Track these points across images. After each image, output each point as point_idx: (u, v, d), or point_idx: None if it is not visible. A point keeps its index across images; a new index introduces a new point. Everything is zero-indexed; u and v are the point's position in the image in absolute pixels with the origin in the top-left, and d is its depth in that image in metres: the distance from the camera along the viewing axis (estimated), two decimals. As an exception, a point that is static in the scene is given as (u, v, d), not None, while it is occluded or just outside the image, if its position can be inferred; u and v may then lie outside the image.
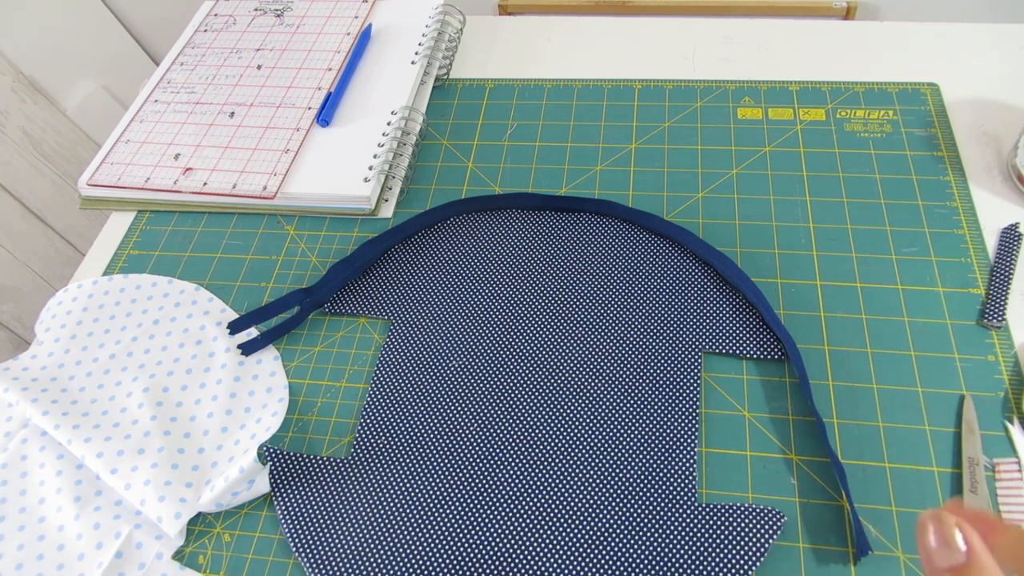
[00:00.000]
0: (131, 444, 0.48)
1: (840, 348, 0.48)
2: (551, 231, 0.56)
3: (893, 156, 0.57)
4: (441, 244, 0.57)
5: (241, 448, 0.48)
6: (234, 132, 0.65)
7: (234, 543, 0.46)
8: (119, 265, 0.60)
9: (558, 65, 0.69)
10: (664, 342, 0.50)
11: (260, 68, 0.70)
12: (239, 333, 0.54)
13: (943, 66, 0.63)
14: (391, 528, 0.45)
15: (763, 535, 0.42)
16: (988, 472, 0.43)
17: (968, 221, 0.53)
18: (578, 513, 0.44)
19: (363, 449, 0.48)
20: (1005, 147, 0.57)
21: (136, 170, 0.63)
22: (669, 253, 0.54)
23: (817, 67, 0.65)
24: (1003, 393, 0.46)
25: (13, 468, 0.49)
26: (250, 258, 0.59)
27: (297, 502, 0.46)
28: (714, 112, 0.62)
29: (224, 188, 0.61)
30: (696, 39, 0.69)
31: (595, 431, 0.47)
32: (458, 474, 0.46)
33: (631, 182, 0.59)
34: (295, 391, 0.51)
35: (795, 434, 0.46)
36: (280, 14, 0.75)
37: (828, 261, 0.52)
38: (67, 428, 0.49)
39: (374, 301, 0.54)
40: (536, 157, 0.62)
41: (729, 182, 0.58)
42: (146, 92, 0.70)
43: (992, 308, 0.48)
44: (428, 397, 0.49)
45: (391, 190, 0.61)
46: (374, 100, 0.65)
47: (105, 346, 0.54)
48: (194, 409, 0.50)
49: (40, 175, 1.11)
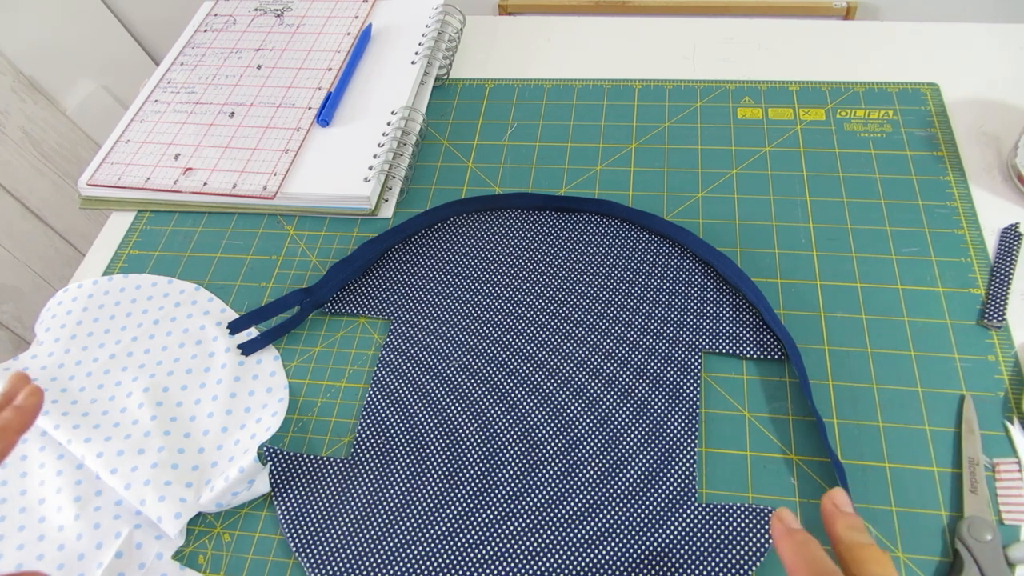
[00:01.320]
0: (131, 444, 0.48)
1: (840, 348, 0.48)
2: (551, 231, 0.56)
3: (893, 156, 0.57)
4: (441, 244, 0.57)
5: (241, 448, 0.48)
6: (234, 132, 0.65)
7: (234, 543, 0.46)
8: (119, 265, 0.60)
9: (558, 65, 0.69)
10: (664, 342, 0.50)
11: (260, 68, 0.70)
12: (239, 333, 0.54)
13: (943, 66, 0.63)
14: (391, 528, 0.45)
15: (763, 535, 0.42)
16: (988, 472, 0.43)
17: (968, 221, 0.53)
18: (578, 513, 0.44)
19: (363, 449, 0.48)
20: (1005, 147, 0.57)
21: (136, 170, 0.63)
22: (669, 253, 0.54)
23: (817, 67, 0.65)
24: (1003, 393, 0.46)
25: (13, 468, 0.49)
26: (250, 258, 0.59)
27: (297, 502, 0.46)
28: (714, 112, 0.62)
29: (224, 188, 0.61)
30: (696, 39, 0.69)
31: (595, 431, 0.47)
32: (458, 474, 0.46)
33: (631, 182, 0.59)
34: (295, 391, 0.51)
35: (795, 434, 0.46)
36: (280, 14, 0.75)
37: (828, 261, 0.52)
38: (67, 428, 0.49)
39: (374, 301, 0.54)
40: (536, 157, 0.62)
41: (729, 182, 0.58)
42: (146, 92, 0.70)
43: (992, 308, 0.48)
44: (428, 397, 0.49)
45: (391, 190, 0.61)
46: (374, 100, 0.65)
47: (105, 346, 0.54)
48: (194, 409, 0.50)
49: (40, 175, 1.11)
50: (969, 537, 0.40)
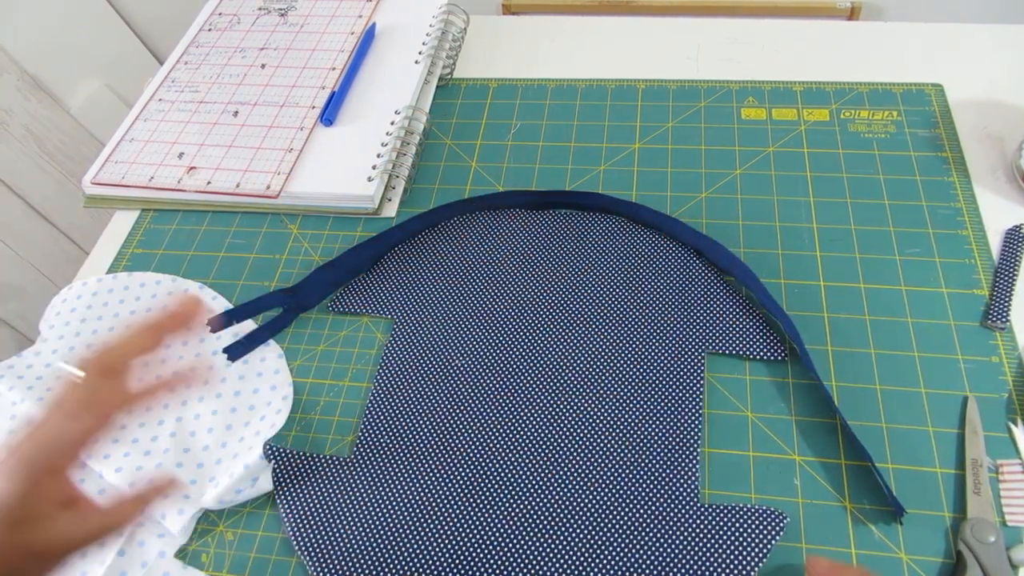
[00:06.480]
0: (135, 443, 0.48)
1: (844, 349, 0.48)
2: (554, 230, 0.56)
3: (897, 157, 0.57)
4: (444, 243, 0.57)
5: (246, 445, 0.48)
6: (238, 131, 0.65)
7: (237, 541, 0.46)
8: (123, 263, 0.60)
9: (562, 65, 0.69)
10: (667, 343, 0.50)
11: (264, 67, 0.70)
12: (220, 331, 0.53)
13: (947, 67, 0.63)
14: (394, 527, 0.45)
15: (766, 536, 0.42)
16: (991, 474, 0.43)
17: (972, 222, 0.53)
18: (581, 513, 0.44)
19: (366, 448, 0.48)
20: (1009, 148, 0.57)
21: (140, 169, 0.63)
22: (673, 252, 0.54)
23: (821, 68, 0.64)
24: (1007, 394, 0.45)
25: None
26: (253, 257, 0.59)
27: (300, 501, 0.46)
28: (718, 112, 0.62)
29: (228, 187, 0.61)
30: (700, 39, 0.69)
31: (598, 431, 0.47)
32: (460, 473, 0.46)
33: (634, 182, 0.59)
34: (298, 390, 0.51)
35: (798, 435, 0.46)
36: (284, 13, 0.75)
37: (832, 262, 0.52)
38: (71, 426, 0.49)
39: (377, 300, 0.54)
40: (540, 157, 0.62)
41: (733, 182, 0.58)
42: (150, 91, 0.70)
43: (996, 309, 0.48)
44: (431, 396, 0.49)
45: (394, 189, 0.61)
46: (378, 99, 0.65)
47: (109, 344, 0.54)
48: (198, 407, 0.50)
49: (44, 173, 1.11)
50: (972, 539, 0.40)
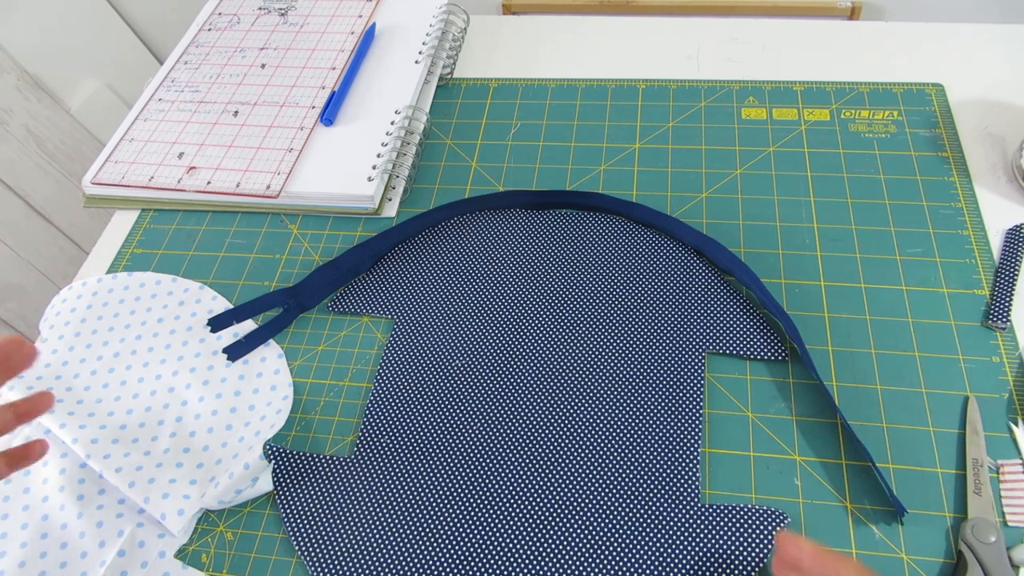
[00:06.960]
0: (136, 443, 0.48)
1: (844, 349, 0.48)
2: (554, 230, 0.56)
3: (897, 157, 0.57)
4: (444, 243, 0.57)
5: (245, 445, 0.48)
6: (238, 131, 0.65)
7: (237, 542, 0.46)
8: (123, 263, 0.60)
9: (562, 65, 0.69)
10: (668, 342, 0.50)
11: (264, 67, 0.70)
12: (221, 331, 0.54)
13: (948, 66, 0.63)
14: (394, 527, 0.45)
15: (766, 536, 0.42)
16: (992, 474, 0.43)
17: (973, 222, 0.53)
18: (581, 513, 0.44)
19: (366, 448, 0.48)
20: (1010, 148, 0.57)
21: (140, 168, 0.63)
22: (673, 252, 0.54)
23: (821, 67, 0.64)
24: (1007, 394, 0.45)
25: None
26: (253, 257, 0.59)
27: (300, 501, 0.46)
28: (718, 112, 0.62)
29: (228, 187, 0.61)
30: (700, 39, 0.69)
31: (598, 430, 0.47)
32: (460, 474, 0.46)
33: (635, 182, 0.59)
34: (298, 390, 0.51)
35: (799, 435, 0.46)
36: (284, 13, 0.75)
37: (832, 262, 0.52)
38: (72, 426, 0.49)
39: (377, 300, 0.54)
40: (540, 157, 0.62)
41: (733, 182, 0.58)
42: (150, 91, 0.70)
43: (997, 309, 0.48)
44: (431, 396, 0.49)
45: (395, 189, 0.61)
46: (378, 99, 0.65)
47: (110, 344, 0.54)
48: (199, 407, 0.50)
49: (44, 173, 1.11)
50: (973, 539, 0.40)
